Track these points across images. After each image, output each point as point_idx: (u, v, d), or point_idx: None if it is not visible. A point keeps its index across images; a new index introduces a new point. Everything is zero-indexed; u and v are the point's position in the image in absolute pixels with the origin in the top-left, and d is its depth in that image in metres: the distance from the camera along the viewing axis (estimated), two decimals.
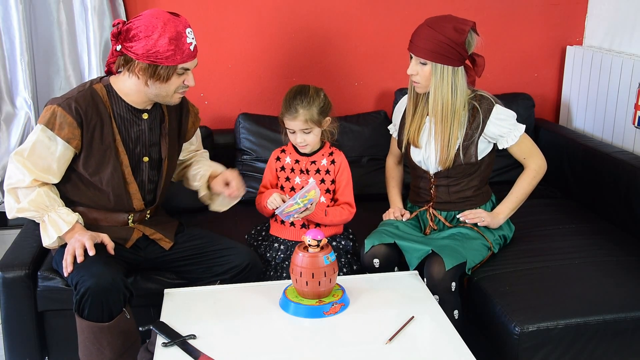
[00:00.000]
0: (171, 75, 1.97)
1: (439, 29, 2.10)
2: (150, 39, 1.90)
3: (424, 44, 2.12)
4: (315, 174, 2.29)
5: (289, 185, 2.30)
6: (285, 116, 2.20)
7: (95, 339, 1.92)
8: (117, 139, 2.04)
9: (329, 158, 2.31)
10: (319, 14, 3.02)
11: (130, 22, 1.94)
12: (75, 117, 1.96)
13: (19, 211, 1.98)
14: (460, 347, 1.69)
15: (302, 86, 2.24)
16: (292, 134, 2.23)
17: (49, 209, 1.98)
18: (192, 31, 2.00)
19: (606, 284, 2.10)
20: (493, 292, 2.08)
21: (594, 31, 3.16)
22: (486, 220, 2.25)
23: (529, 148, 2.28)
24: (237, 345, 1.71)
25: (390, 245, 2.20)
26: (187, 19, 2.00)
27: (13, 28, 2.67)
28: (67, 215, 1.99)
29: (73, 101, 1.98)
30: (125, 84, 2.03)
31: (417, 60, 2.15)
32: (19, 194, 1.98)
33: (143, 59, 1.93)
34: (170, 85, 1.99)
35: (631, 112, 2.78)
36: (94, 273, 1.89)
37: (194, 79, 2.05)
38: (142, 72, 1.95)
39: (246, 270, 2.14)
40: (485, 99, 2.22)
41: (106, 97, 2.03)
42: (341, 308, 1.86)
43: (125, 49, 1.94)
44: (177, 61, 1.95)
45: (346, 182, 2.32)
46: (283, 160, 2.32)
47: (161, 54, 1.92)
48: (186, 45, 1.95)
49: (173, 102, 2.07)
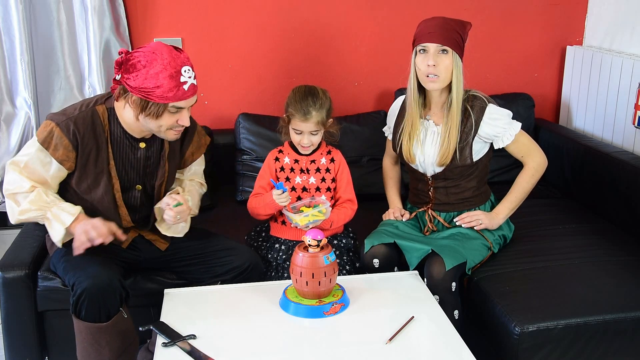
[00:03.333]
0: (162, 113, 1.91)
1: (448, 21, 2.09)
2: (144, 73, 1.85)
3: (444, 32, 2.06)
4: (315, 172, 2.29)
5: (289, 185, 2.29)
6: (296, 118, 2.18)
7: (94, 339, 1.92)
8: (111, 164, 2.02)
9: (327, 157, 2.31)
10: (319, 14, 3.02)
11: (132, 53, 1.91)
12: (72, 140, 1.95)
13: (21, 213, 1.98)
14: (460, 347, 1.69)
15: (310, 87, 2.23)
16: (299, 134, 2.22)
17: (50, 205, 1.97)
18: (191, 69, 1.93)
19: (606, 284, 2.10)
20: (493, 292, 2.08)
21: (594, 31, 3.16)
22: (484, 222, 2.24)
23: (527, 146, 2.27)
24: (237, 345, 1.71)
25: (389, 245, 2.20)
26: (188, 56, 1.94)
27: (13, 28, 2.68)
28: (70, 207, 1.99)
29: (72, 123, 1.95)
30: (125, 113, 2.00)
31: (437, 49, 2.08)
32: (19, 198, 1.98)
33: (136, 92, 1.88)
34: (161, 122, 1.93)
35: (631, 112, 2.78)
36: (90, 274, 1.89)
37: (188, 120, 1.97)
38: (135, 105, 1.92)
39: (247, 271, 2.13)
40: (478, 98, 2.20)
41: (106, 120, 2.00)
42: (341, 308, 1.86)
43: (123, 80, 1.91)
44: (168, 99, 1.88)
45: (347, 179, 2.33)
46: (282, 161, 2.31)
47: (152, 90, 1.86)
48: (180, 84, 1.88)
49: (168, 138, 2.01)
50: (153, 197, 2.14)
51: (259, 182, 2.34)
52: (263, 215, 2.30)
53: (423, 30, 2.13)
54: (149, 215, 2.16)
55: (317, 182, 2.27)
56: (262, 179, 2.33)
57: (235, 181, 2.91)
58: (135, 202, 2.11)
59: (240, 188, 2.87)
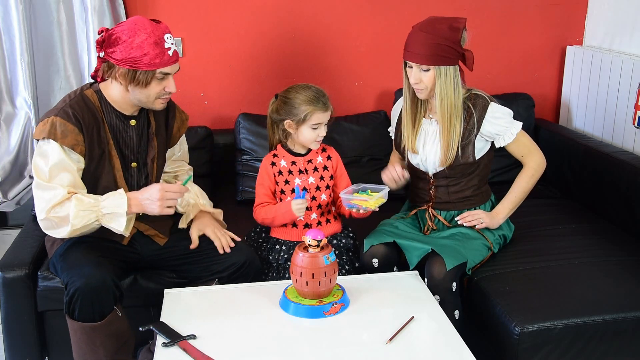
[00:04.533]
0: (150, 80, 1.96)
1: (434, 32, 2.08)
2: (129, 44, 1.91)
3: (423, 50, 2.08)
4: (313, 172, 2.28)
5: (289, 188, 2.28)
6: (318, 111, 2.15)
7: (89, 339, 1.93)
8: (110, 143, 2.05)
9: (323, 155, 2.31)
10: (319, 14, 3.02)
11: (112, 29, 1.96)
12: (75, 123, 1.96)
13: (71, 233, 1.95)
14: (460, 347, 1.69)
15: (301, 83, 2.23)
16: (315, 129, 2.19)
17: (94, 210, 1.94)
18: (172, 37, 2.00)
19: (606, 284, 2.10)
20: (493, 292, 2.08)
21: (594, 31, 3.16)
22: (485, 221, 2.24)
23: (527, 145, 2.27)
24: (237, 345, 1.71)
25: (389, 245, 2.20)
26: (167, 26, 2.01)
27: (13, 28, 2.67)
28: (114, 199, 1.96)
29: (69, 108, 1.97)
30: (112, 91, 2.04)
31: (418, 67, 2.12)
32: (60, 214, 1.92)
33: (123, 64, 1.93)
34: (150, 90, 1.99)
35: (631, 112, 2.78)
36: (83, 273, 1.89)
37: (175, 85, 2.04)
38: (122, 77, 1.96)
39: (244, 268, 2.13)
40: (480, 97, 2.21)
41: (97, 102, 2.04)
42: (341, 308, 1.86)
43: (107, 55, 1.96)
44: (155, 66, 1.94)
45: (345, 175, 2.33)
46: (279, 164, 2.29)
47: (139, 59, 1.92)
48: (165, 50, 1.95)
49: (156, 107, 2.06)
50: (148, 174, 2.16)
51: (262, 191, 2.30)
52: (276, 225, 2.28)
53: (407, 44, 2.14)
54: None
55: (317, 181, 2.27)
56: (262, 187, 2.30)
57: (235, 181, 2.91)
58: (133, 181, 2.14)
59: (240, 188, 2.87)
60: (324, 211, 2.30)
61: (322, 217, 2.31)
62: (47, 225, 1.96)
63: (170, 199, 1.98)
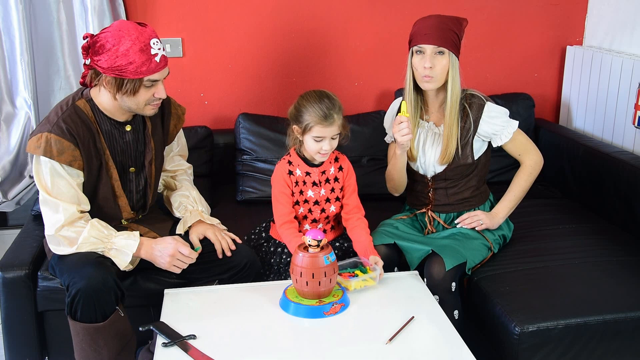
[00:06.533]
0: (138, 88, 1.91)
1: (444, 19, 2.08)
2: (114, 52, 1.86)
3: (438, 33, 2.05)
4: (325, 183, 2.22)
5: (302, 198, 2.21)
6: (319, 125, 2.07)
7: (92, 340, 1.92)
8: (107, 154, 2.03)
9: (335, 165, 2.24)
10: (319, 14, 3.02)
11: (97, 35, 1.91)
12: (71, 139, 1.93)
13: (71, 253, 1.97)
14: (460, 347, 1.70)
15: (320, 91, 2.14)
16: (319, 142, 2.10)
17: (105, 242, 1.97)
18: (159, 41, 1.93)
19: (606, 284, 2.10)
20: (493, 292, 2.08)
21: (594, 31, 3.16)
22: (485, 222, 2.24)
23: (524, 144, 2.27)
24: (237, 345, 1.71)
25: (389, 246, 2.21)
26: (153, 30, 1.95)
27: (13, 28, 2.67)
28: (127, 239, 1.99)
29: (62, 123, 1.93)
30: (102, 98, 2.00)
31: (434, 51, 2.08)
32: (69, 233, 1.94)
33: (109, 73, 1.88)
34: (139, 98, 1.94)
35: (631, 112, 2.78)
36: (84, 275, 1.88)
37: (164, 91, 1.98)
38: (109, 85, 1.92)
39: (245, 270, 2.13)
40: (476, 97, 2.21)
41: (90, 112, 2.00)
42: (341, 308, 1.86)
43: (93, 63, 1.91)
44: (142, 74, 1.88)
45: (354, 186, 2.26)
46: (295, 174, 2.21)
47: (125, 67, 1.86)
48: (152, 57, 1.89)
49: (147, 113, 2.02)
50: (146, 177, 2.15)
51: (281, 208, 2.18)
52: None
53: (419, 30, 2.12)
54: (146, 199, 2.18)
55: (327, 193, 2.23)
56: (282, 198, 2.18)
57: (235, 181, 2.91)
58: (132, 186, 2.13)
59: (241, 188, 2.87)
60: (330, 220, 2.29)
61: (328, 225, 2.30)
62: (52, 241, 1.98)
63: (180, 259, 2.01)
